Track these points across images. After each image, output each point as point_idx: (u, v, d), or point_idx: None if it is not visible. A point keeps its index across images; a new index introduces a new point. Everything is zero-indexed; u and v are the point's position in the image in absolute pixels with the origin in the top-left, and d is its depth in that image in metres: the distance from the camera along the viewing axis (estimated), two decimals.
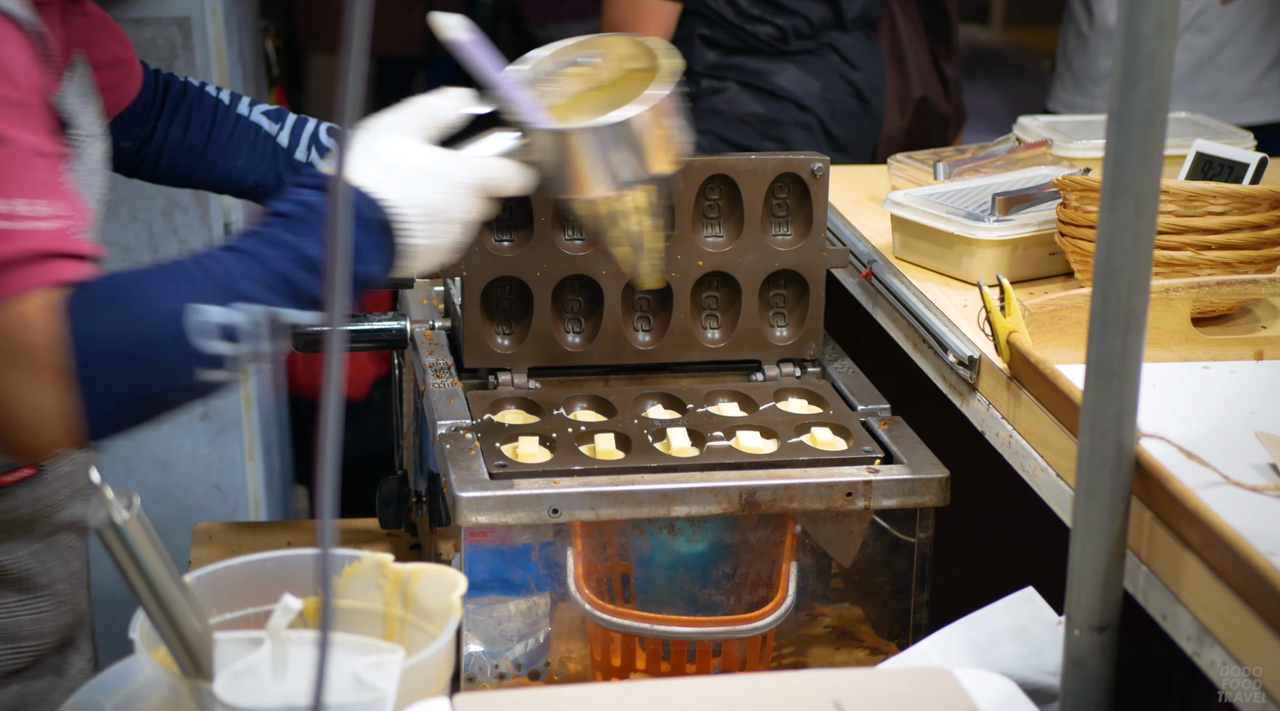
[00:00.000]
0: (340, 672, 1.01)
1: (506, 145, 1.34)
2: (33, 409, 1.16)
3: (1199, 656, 1.08)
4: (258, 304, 1.20)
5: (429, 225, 1.28)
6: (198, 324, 1.18)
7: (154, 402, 1.22)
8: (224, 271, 1.20)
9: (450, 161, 1.30)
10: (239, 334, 1.20)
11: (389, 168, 1.27)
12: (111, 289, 1.19)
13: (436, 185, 1.28)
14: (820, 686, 1.12)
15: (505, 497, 1.41)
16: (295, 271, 1.22)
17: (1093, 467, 1.10)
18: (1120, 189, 1.06)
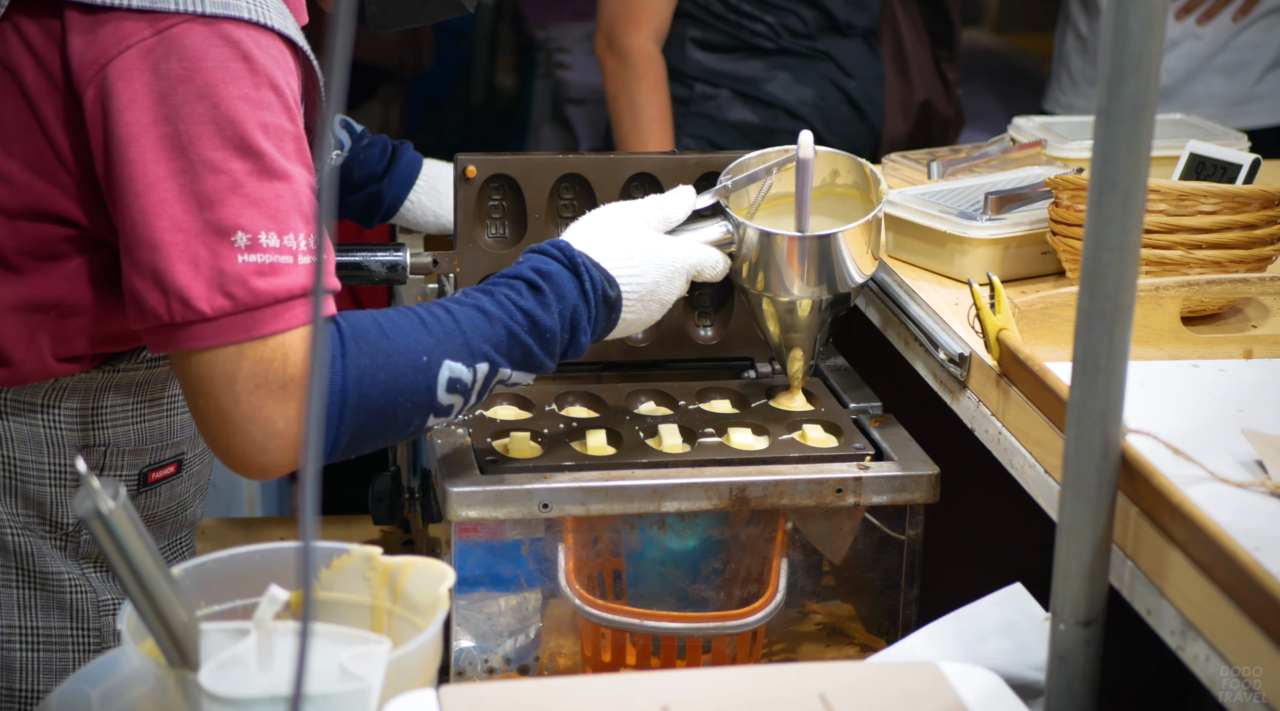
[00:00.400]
0: (325, 663, 1.01)
1: (717, 235, 1.47)
2: (276, 434, 1.25)
3: (1183, 651, 1.08)
4: (494, 364, 1.32)
5: (642, 304, 1.41)
6: (446, 379, 1.30)
7: (378, 440, 1.32)
8: (472, 331, 1.32)
9: (674, 248, 1.43)
10: (470, 389, 1.32)
11: (625, 249, 1.40)
12: (374, 332, 1.29)
13: (659, 269, 1.41)
14: (806, 680, 1.12)
15: (495, 492, 1.41)
16: (528, 339, 1.34)
17: (1079, 463, 1.11)
18: (1108, 185, 1.06)
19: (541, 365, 1.36)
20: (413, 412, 1.30)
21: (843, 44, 2.61)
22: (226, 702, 0.98)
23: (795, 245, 1.47)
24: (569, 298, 1.35)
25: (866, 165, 1.54)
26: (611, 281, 1.38)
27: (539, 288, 1.34)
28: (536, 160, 1.62)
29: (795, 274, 1.48)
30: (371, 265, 1.61)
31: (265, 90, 1.26)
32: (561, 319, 1.35)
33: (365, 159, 1.74)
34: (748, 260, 1.48)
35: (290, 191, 1.26)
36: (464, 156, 1.58)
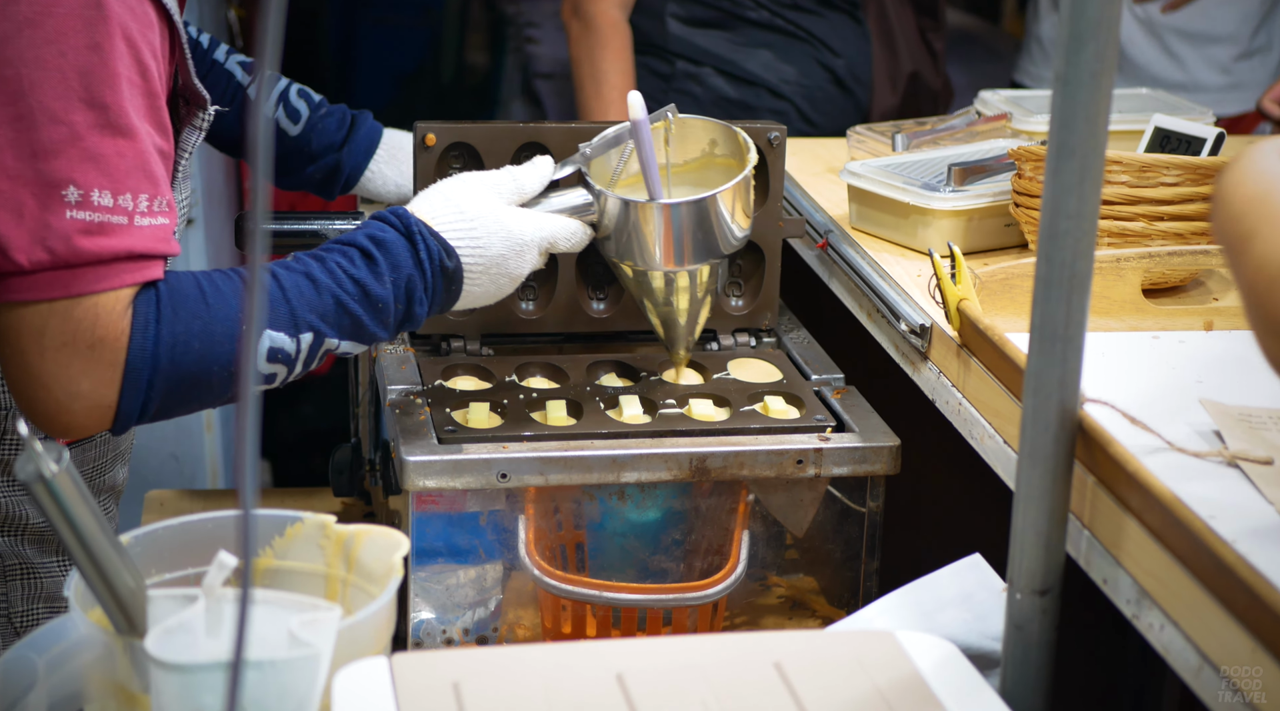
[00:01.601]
0: (275, 629, 1.00)
1: (574, 203, 1.43)
2: (83, 396, 1.22)
3: (1138, 619, 1.08)
4: (319, 334, 1.29)
5: (488, 277, 1.37)
6: (266, 349, 1.27)
7: (192, 406, 1.29)
8: (298, 300, 1.28)
9: (523, 221, 1.38)
10: (294, 359, 1.29)
11: (467, 218, 1.35)
12: (192, 298, 1.26)
13: (505, 241, 1.36)
14: (762, 648, 1.11)
15: (453, 462, 1.40)
16: (359, 308, 1.31)
17: (1035, 432, 1.10)
18: (1065, 152, 1.06)
19: (374, 335, 1.33)
20: (230, 380, 1.27)
21: (828, 20, 2.59)
22: (173, 669, 0.97)
23: (655, 213, 1.43)
24: (404, 267, 1.32)
25: (741, 133, 1.51)
26: (450, 252, 1.34)
27: (372, 256, 1.31)
28: (496, 128, 1.61)
29: (660, 243, 1.43)
30: (329, 233, 1.60)
31: (118, 41, 1.21)
32: (396, 288, 1.32)
33: (323, 128, 1.72)
34: (611, 231, 1.44)
35: (134, 149, 1.22)
36: (423, 124, 1.57)
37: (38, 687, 1.03)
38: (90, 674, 1.04)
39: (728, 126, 1.52)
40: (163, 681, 0.97)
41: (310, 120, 1.70)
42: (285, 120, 1.61)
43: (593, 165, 1.48)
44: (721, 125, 1.52)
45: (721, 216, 1.44)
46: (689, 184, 1.53)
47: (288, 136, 1.67)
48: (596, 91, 2.46)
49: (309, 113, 1.71)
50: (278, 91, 1.63)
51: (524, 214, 1.40)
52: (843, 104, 2.63)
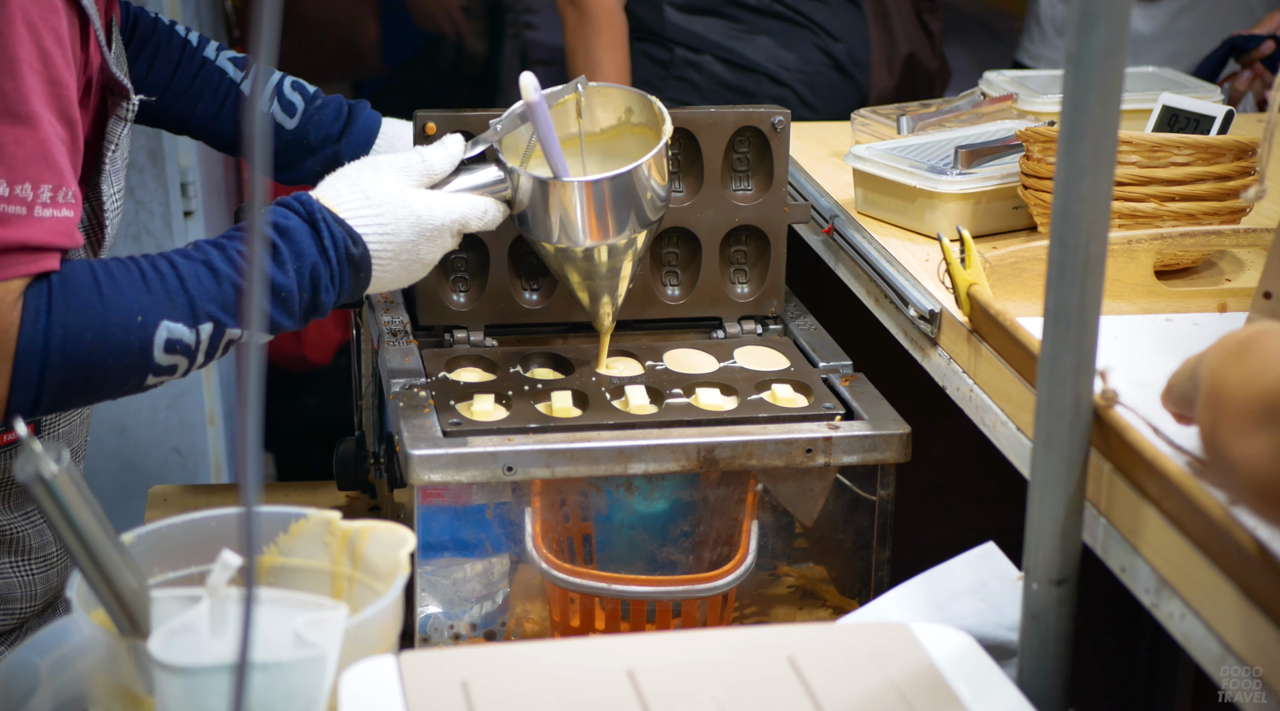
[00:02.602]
0: (280, 630, 0.99)
1: (488, 180, 1.40)
2: None
3: (1157, 608, 1.07)
4: (220, 324, 1.26)
5: (397, 263, 1.34)
6: (164, 340, 1.24)
7: (88, 398, 1.27)
8: (197, 289, 1.25)
9: (431, 204, 1.35)
10: (195, 350, 1.26)
11: (373, 203, 1.32)
12: (89, 289, 1.22)
13: (413, 226, 1.33)
14: (775, 642, 1.10)
15: (458, 455, 1.38)
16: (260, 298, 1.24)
17: (1050, 419, 1.08)
18: (1078, 133, 1.04)
19: (279, 325, 1.30)
20: (126, 372, 1.25)
21: (828, 4, 2.57)
22: (177, 671, 0.95)
23: (563, 190, 1.39)
24: (307, 255, 1.29)
25: (656, 103, 1.47)
26: (356, 239, 1.31)
27: (274, 244, 1.28)
28: None
29: (572, 218, 1.40)
30: None
31: (18, 26, 1.18)
32: (300, 277, 1.29)
33: (320, 120, 1.70)
34: (525, 209, 1.41)
35: (33, 138, 1.18)
36: (423, 113, 1.55)
37: (41, 690, 1.02)
38: (94, 676, 1.03)
39: (643, 95, 1.49)
40: (167, 684, 0.96)
41: (306, 113, 1.67)
42: (281, 114, 1.59)
43: (505, 141, 1.44)
44: (637, 94, 1.49)
45: (634, 189, 1.40)
46: (604, 153, 1.50)
47: (284, 130, 1.64)
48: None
49: (304, 105, 1.68)
50: (271, 85, 1.60)
51: (433, 197, 1.36)
52: (842, 88, 2.61)
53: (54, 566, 1.48)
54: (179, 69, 1.57)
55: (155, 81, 1.57)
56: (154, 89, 1.58)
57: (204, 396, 2.61)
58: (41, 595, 1.47)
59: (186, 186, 2.53)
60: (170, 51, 1.58)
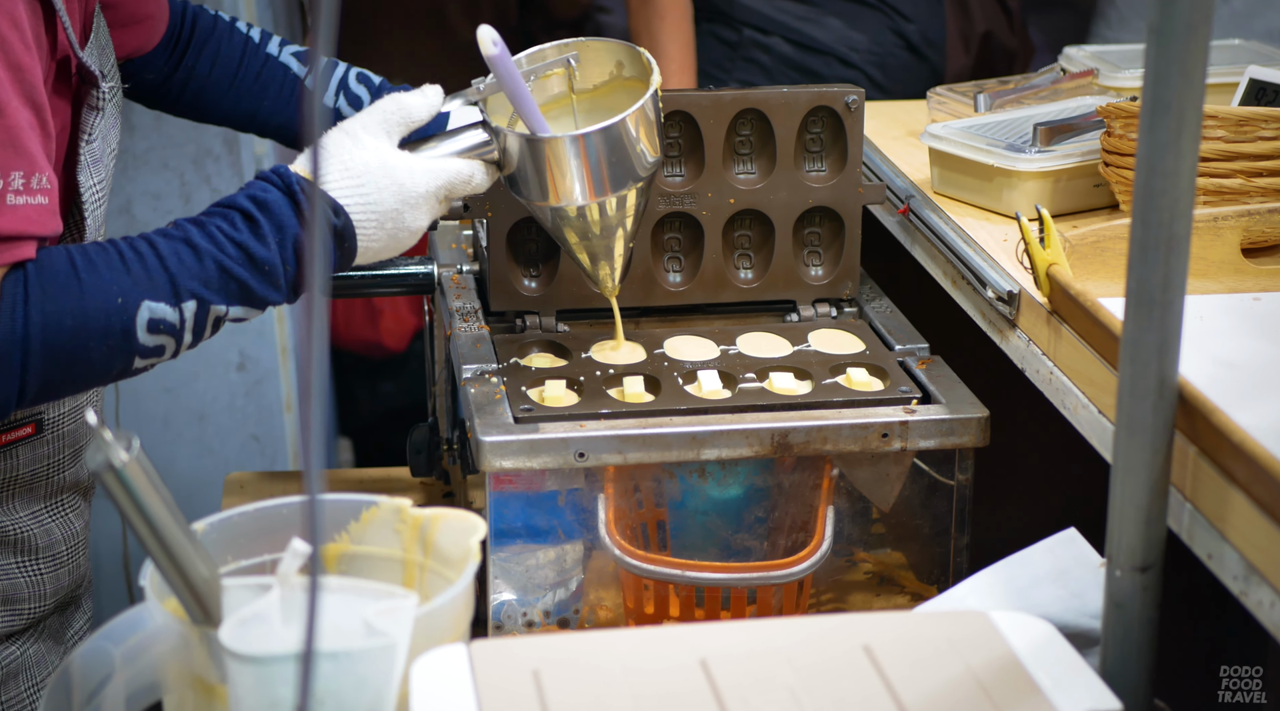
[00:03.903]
0: (350, 619, 0.98)
1: (472, 142, 1.35)
2: None
3: (1246, 596, 1.04)
4: (204, 302, 1.24)
5: (382, 232, 1.30)
6: (146, 321, 1.22)
7: (74, 386, 1.25)
8: (178, 268, 1.23)
9: (414, 170, 1.32)
10: (180, 329, 1.24)
11: (352, 172, 1.29)
12: (64, 275, 1.20)
13: (396, 194, 1.30)
14: (851, 630, 1.08)
15: (530, 442, 1.38)
16: (244, 273, 1.25)
17: (1133, 401, 1.06)
18: (1160, 107, 1.01)
19: (265, 299, 1.28)
20: (110, 355, 1.22)
21: None
22: (248, 660, 0.95)
23: (549, 147, 1.34)
24: (289, 227, 1.26)
25: (644, 54, 1.42)
26: (338, 209, 1.28)
27: (254, 218, 1.26)
28: None
29: (563, 176, 1.35)
30: None
31: None
32: (282, 250, 1.26)
33: None
34: (514, 170, 1.37)
35: (2, 125, 1.16)
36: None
37: (115, 678, 1.02)
38: (167, 664, 1.03)
39: (631, 47, 1.44)
40: (238, 672, 0.96)
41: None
42: (348, 108, 1.56)
43: (491, 102, 1.39)
44: (626, 46, 1.44)
45: (623, 142, 1.35)
46: (598, 109, 1.44)
47: None
48: None
49: (370, 98, 1.67)
50: (337, 78, 1.58)
51: (415, 162, 1.32)
52: (916, 69, 2.57)
53: (63, 566, 1.46)
54: (241, 66, 1.57)
55: (218, 80, 1.56)
56: (219, 85, 1.57)
57: (281, 383, 2.63)
58: (51, 595, 1.45)
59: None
60: (231, 49, 1.57)
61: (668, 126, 1.60)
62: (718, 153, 1.59)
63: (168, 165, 2.50)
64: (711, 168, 1.59)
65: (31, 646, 1.44)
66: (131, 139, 2.49)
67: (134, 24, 1.48)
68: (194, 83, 1.57)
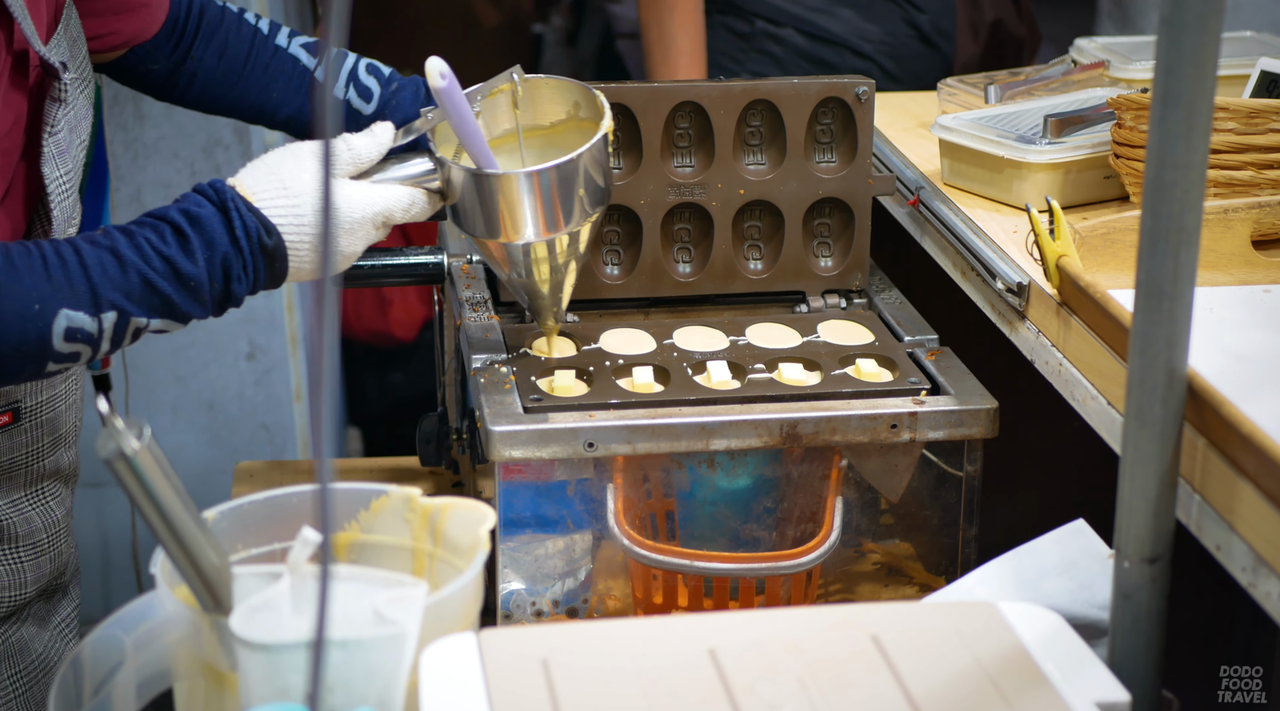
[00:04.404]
0: (360, 607, 0.99)
1: (415, 171, 1.36)
2: None
3: (1254, 587, 1.04)
4: (124, 313, 1.23)
5: (316, 254, 1.29)
6: (63, 329, 1.20)
7: None
8: (101, 278, 1.22)
9: (352, 197, 1.32)
10: (98, 339, 1.23)
11: (290, 193, 1.29)
12: None
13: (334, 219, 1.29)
14: (859, 621, 1.08)
15: (539, 431, 1.38)
16: (168, 288, 1.24)
17: (1142, 393, 1.06)
18: (1172, 99, 1.01)
19: (188, 314, 1.27)
20: (23, 360, 1.21)
21: None
22: (259, 648, 0.95)
23: (498, 183, 1.35)
24: (219, 245, 1.26)
25: (599, 96, 1.43)
26: (270, 229, 1.27)
27: (184, 233, 1.25)
28: None
29: (504, 213, 1.36)
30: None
31: None
32: (210, 266, 1.26)
33: (398, 104, 1.67)
34: (457, 201, 1.37)
35: None
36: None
37: (126, 666, 1.02)
38: (178, 652, 1.04)
39: (586, 88, 1.44)
40: (249, 660, 0.96)
41: (383, 97, 1.65)
42: (357, 99, 1.56)
43: (439, 130, 1.40)
44: (580, 87, 1.45)
45: (570, 183, 1.36)
46: (547, 147, 1.45)
47: (362, 116, 1.60)
48: (664, 55, 2.41)
49: (380, 89, 1.66)
50: (346, 69, 1.57)
51: (354, 189, 1.32)
52: (927, 59, 2.56)
53: (44, 553, 1.46)
54: (250, 58, 1.56)
55: (226, 72, 1.56)
56: (227, 77, 1.57)
57: (290, 373, 2.63)
58: (32, 582, 1.45)
59: None
60: (240, 40, 1.56)
61: (678, 117, 1.60)
62: (728, 144, 1.59)
63: (178, 154, 2.51)
64: (721, 158, 1.59)
65: (14, 633, 1.44)
66: (142, 128, 2.50)
67: (126, 11, 1.47)
68: (202, 74, 1.56)
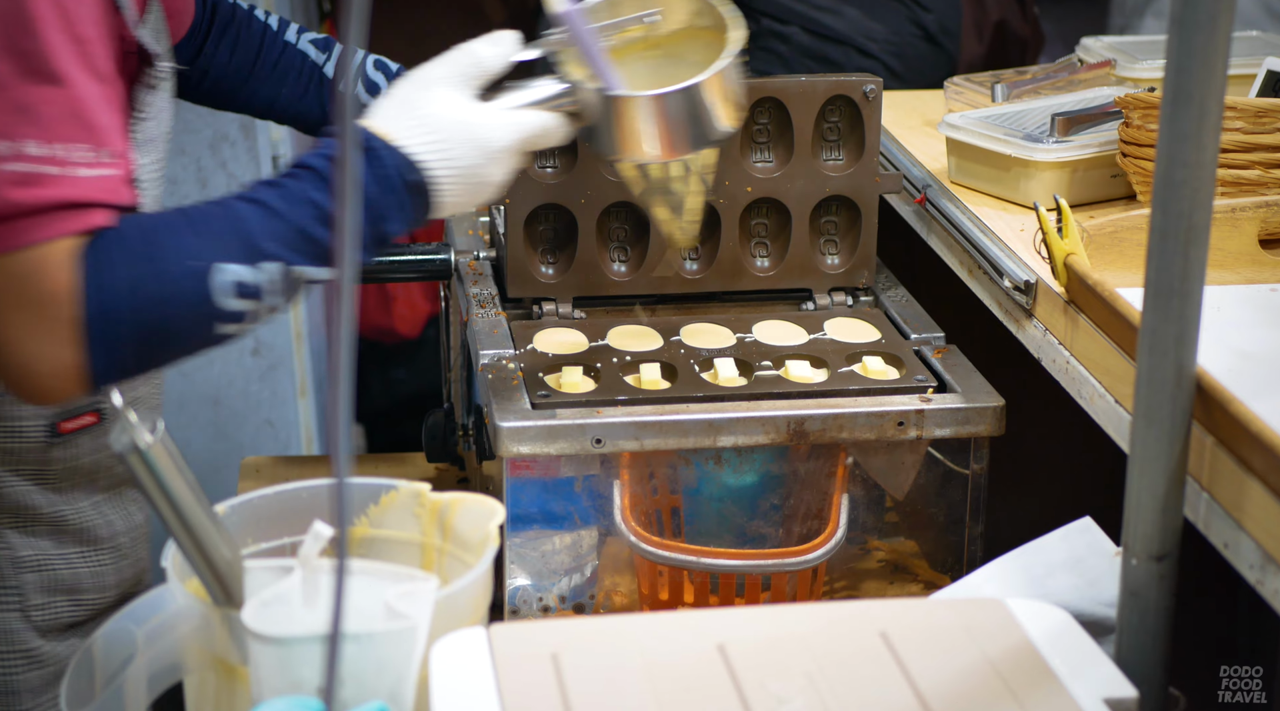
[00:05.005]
0: (371, 601, 0.99)
1: (549, 93, 1.32)
2: (42, 357, 1.16)
3: (1262, 585, 1.04)
4: (280, 261, 1.20)
5: (462, 186, 1.27)
6: (221, 283, 1.18)
7: (165, 355, 1.22)
8: (250, 228, 1.20)
9: (492, 123, 1.28)
10: (259, 291, 1.20)
11: (428, 127, 1.26)
12: (137, 241, 1.18)
13: (475, 148, 1.26)
14: (867, 617, 1.09)
15: (547, 428, 1.38)
16: (318, 229, 1.22)
17: (1151, 391, 1.06)
18: (1182, 98, 1.01)
19: None
20: (195, 322, 1.19)
21: None
22: (270, 641, 0.96)
23: (634, 104, 1.30)
24: (364, 186, 1.23)
25: (720, 6, 1.37)
26: (412, 166, 1.25)
27: (323, 173, 1.23)
28: None
29: (643, 133, 1.31)
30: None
31: None
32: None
33: None
34: (590, 122, 1.33)
35: (63, 96, 1.15)
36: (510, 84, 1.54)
37: (137, 659, 1.03)
38: (188, 645, 1.04)
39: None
40: (260, 653, 0.97)
41: None
42: (365, 95, 1.56)
43: (565, 50, 1.35)
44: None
45: (704, 100, 1.32)
46: (670, 58, 1.40)
47: None
48: None
49: (388, 84, 1.66)
50: (355, 65, 1.57)
51: (493, 115, 1.29)
52: (932, 58, 2.56)
53: (125, 557, 1.46)
54: (260, 54, 1.57)
55: (237, 68, 1.56)
56: (238, 73, 1.57)
57: (295, 368, 2.64)
58: (114, 586, 1.46)
59: (278, 159, 2.55)
60: (250, 37, 1.57)
61: None
62: (735, 141, 1.59)
63: (184, 150, 2.51)
64: (729, 156, 1.60)
65: None
66: None
67: (174, 14, 1.49)
68: (214, 70, 1.57)
